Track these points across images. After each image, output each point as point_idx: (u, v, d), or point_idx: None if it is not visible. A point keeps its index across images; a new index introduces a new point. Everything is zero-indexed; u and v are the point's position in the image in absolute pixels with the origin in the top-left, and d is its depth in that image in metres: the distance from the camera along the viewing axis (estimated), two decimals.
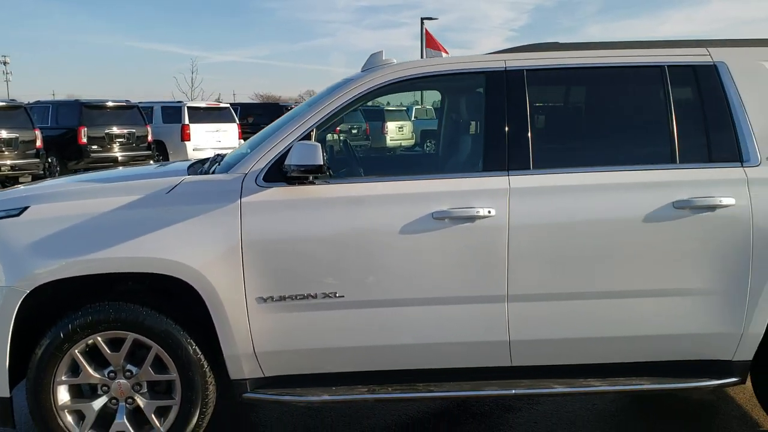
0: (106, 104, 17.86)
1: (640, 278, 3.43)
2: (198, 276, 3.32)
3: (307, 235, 3.37)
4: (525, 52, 3.65)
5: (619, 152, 3.60)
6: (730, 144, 3.50)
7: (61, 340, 3.36)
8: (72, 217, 3.38)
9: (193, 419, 3.47)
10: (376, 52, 3.84)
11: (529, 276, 3.42)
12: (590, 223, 3.41)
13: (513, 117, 3.50)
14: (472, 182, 3.47)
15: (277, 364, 3.50)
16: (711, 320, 3.47)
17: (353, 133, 22.82)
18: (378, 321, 3.45)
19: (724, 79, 3.56)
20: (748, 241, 3.39)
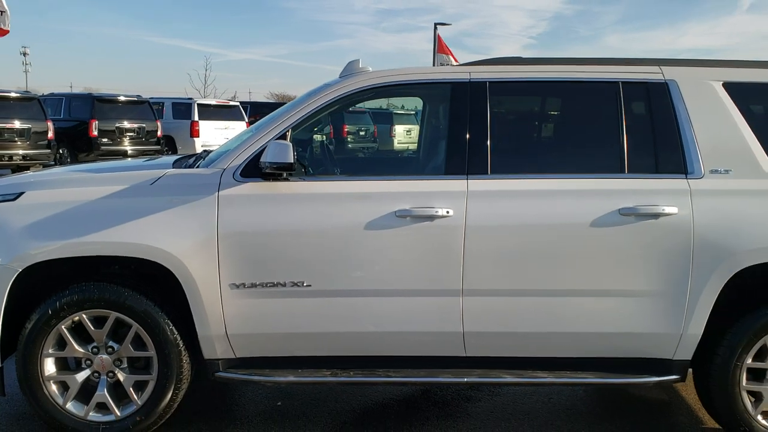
0: (118, 98, 18.25)
1: (586, 279, 3.68)
2: (176, 262, 3.60)
3: (279, 228, 3.65)
4: (489, 65, 3.91)
5: (571, 161, 3.86)
6: (675, 157, 3.74)
7: (49, 316, 3.65)
8: (63, 203, 3.67)
9: (168, 394, 3.75)
10: (353, 60, 4.11)
11: (482, 272, 3.67)
12: (541, 225, 3.66)
13: (474, 125, 3.77)
14: (434, 184, 3.74)
15: (247, 346, 3.78)
16: (652, 321, 3.71)
17: (361, 134, 23.13)
18: (342, 309, 3.72)
19: (674, 96, 3.81)
20: (689, 247, 3.64)
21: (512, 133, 4.07)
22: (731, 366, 3.73)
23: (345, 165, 5.29)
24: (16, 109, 15.67)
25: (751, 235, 3.63)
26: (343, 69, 4.12)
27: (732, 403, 3.77)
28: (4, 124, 15.38)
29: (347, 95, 3.90)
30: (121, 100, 18.32)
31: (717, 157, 3.73)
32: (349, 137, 21.77)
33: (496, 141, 3.78)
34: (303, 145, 4.40)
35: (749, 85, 3.86)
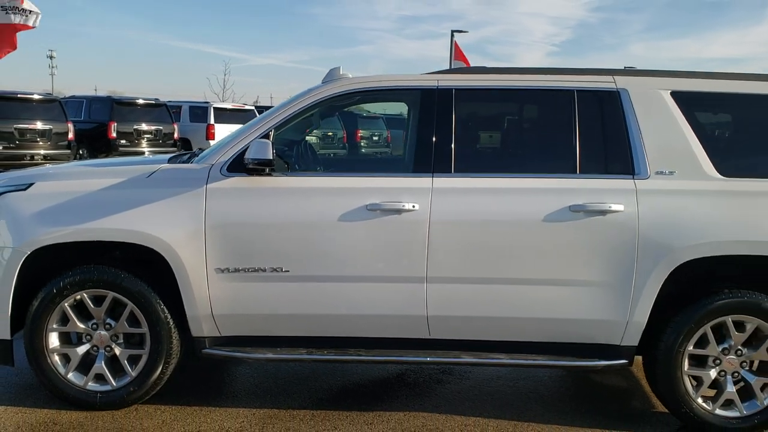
0: (136, 101, 18.81)
1: (539, 269, 4.03)
2: (167, 247, 4.00)
3: (260, 218, 4.03)
4: (455, 74, 4.28)
5: (528, 162, 4.22)
6: (624, 159, 4.09)
7: (54, 294, 4.06)
8: (68, 193, 4.09)
9: (158, 367, 4.14)
10: (335, 67, 4.49)
11: (445, 261, 4.03)
12: (499, 219, 4.02)
13: (440, 128, 4.14)
14: (402, 181, 4.11)
15: (231, 325, 4.17)
16: (601, 309, 4.05)
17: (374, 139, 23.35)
18: (317, 293, 4.09)
19: (625, 103, 4.15)
20: (634, 242, 3.97)
21: (475, 136, 4.43)
22: (674, 352, 4.05)
23: (325, 163, 5.67)
24: (38, 111, 16.25)
25: (690, 232, 3.96)
26: (326, 75, 4.50)
27: (675, 386, 4.09)
28: (26, 125, 15.95)
29: (327, 99, 4.29)
30: (140, 103, 18.87)
31: (662, 159, 4.07)
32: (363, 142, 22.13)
33: (459, 143, 4.14)
34: (290, 144, 4.79)
35: (695, 93, 4.20)
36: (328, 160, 6.39)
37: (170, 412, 4.21)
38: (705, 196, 4.01)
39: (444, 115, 4.15)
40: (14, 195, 4.13)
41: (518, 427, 4.16)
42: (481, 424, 4.17)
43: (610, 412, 4.46)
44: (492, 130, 4.68)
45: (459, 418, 4.25)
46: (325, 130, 21.28)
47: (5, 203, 4.12)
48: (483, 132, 4.59)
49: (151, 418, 4.11)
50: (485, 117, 4.64)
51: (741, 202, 4.01)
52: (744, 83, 4.21)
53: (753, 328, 4.06)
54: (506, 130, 4.56)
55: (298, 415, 4.22)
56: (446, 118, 4.15)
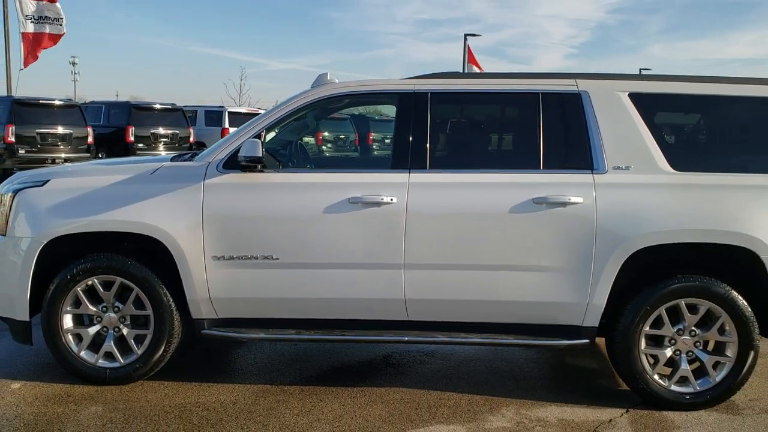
0: (153, 106, 19.40)
1: (506, 256, 4.41)
2: (169, 238, 4.43)
3: (252, 210, 4.45)
4: (431, 78, 4.68)
5: (496, 159, 4.64)
6: (583, 155, 4.46)
7: (68, 279, 4.51)
8: (80, 189, 4.54)
9: (161, 346, 4.57)
10: (323, 73, 4.92)
11: (420, 249, 4.42)
12: (470, 211, 4.41)
13: (416, 128, 4.54)
14: (382, 176, 4.51)
15: (227, 308, 4.58)
16: (563, 292, 4.42)
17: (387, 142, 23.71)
18: (305, 279, 4.50)
19: (585, 104, 4.53)
20: (592, 231, 4.35)
21: (448, 135, 4.83)
22: (631, 332, 4.42)
23: (313, 161, 6.10)
24: (59, 116, 16.87)
25: (644, 222, 4.33)
26: (314, 80, 4.92)
27: (632, 364, 4.46)
28: (48, 130, 16.57)
29: (315, 102, 4.71)
30: (157, 108, 19.46)
31: (619, 155, 4.44)
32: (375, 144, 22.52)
33: (434, 141, 4.55)
34: (284, 144, 5.22)
35: (651, 95, 4.56)
36: (317, 158, 6.81)
37: (172, 386, 4.64)
38: (658, 188, 4.38)
39: (420, 117, 4.55)
40: (32, 190, 4.59)
41: (489, 401, 4.54)
42: (454, 398, 4.57)
43: (578, 389, 4.83)
44: (464, 129, 5.08)
45: (435, 393, 4.64)
46: (337, 132, 21.78)
47: (24, 198, 4.57)
48: (456, 131, 4.98)
49: (155, 392, 4.54)
50: (458, 118, 5.04)
51: (690, 193, 4.36)
52: (695, 85, 4.58)
53: (705, 310, 4.41)
54: (477, 130, 4.96)
55: (288, 390, 4.64)
56: (422, 119, 4.55)
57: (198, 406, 4.34)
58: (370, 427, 4.10)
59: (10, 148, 15.98)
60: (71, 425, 4.04)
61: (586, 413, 4.40)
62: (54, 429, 3.98)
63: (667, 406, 4.48)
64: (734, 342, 4.42)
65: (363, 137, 22.32)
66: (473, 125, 5.03)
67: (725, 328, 4.42)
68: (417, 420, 4.22)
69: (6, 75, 19.70)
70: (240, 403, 4.40)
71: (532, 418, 4.29)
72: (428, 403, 4.47)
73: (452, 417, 4.28)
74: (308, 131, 5.99)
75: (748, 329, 4.38)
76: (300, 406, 4.38)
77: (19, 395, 4.44)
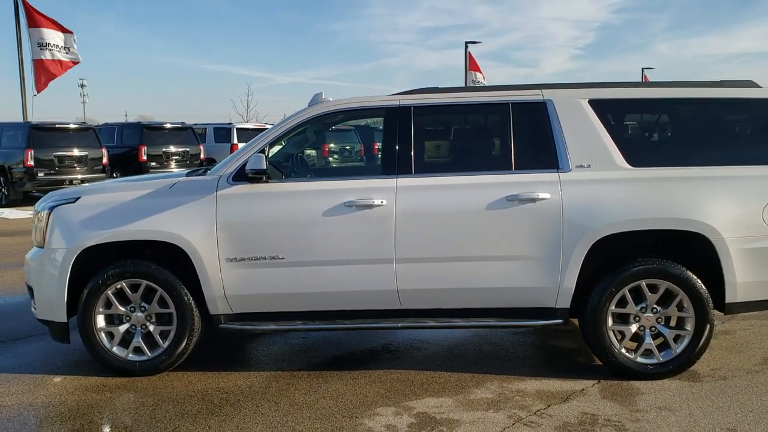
0: (164, 126, 20.15)
1: (485, 248, 4.98)
2: (187, 243, 5.03)
3: (260, 216, 5.05)
4: (414, 94, 5.28)
5: (474, 162, 5.21)
6: (550, 156, 5.04)
7: (100, 284, 5.12)
8: (108, 203, 5.15)
9: (183, 340, 5.16)
10: (318, 92, 5.51)
11: (409, 245, 5.00)
12: (451, 209, 4.98)
13: (402, 138, 5.13)
14: (372, 182, 5.10)
15: (241, 304, 5.17)
16: (537, 278, 4.99)
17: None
18: (308, 275, 5.08)
19: (550, 111, 5.11)
20: (559, 223, 4.92)
21: (431, 143, 5.42)
22: (598, 311, 4.97)
23: (312, 170, 6.71)
24: (75, 139, 17.65)
25: (605, 213, 4.89)
26: (311, 99, 5.52)
27: (601, 339, 5.01)
28: (64, 152, 17.33)
29: (312, 118, 5.31)
30: (167, 127, 20.20)
31: (581, 155, 5.01)
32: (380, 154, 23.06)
33: (418, 149, 5.14)
34: (287, 157, 5.83)
35: (608, 101, 5.14)
36: (315, 168, 7.45)
37: (194, 375, 5.24)
38: (616, 183, 4.95)
39: (405, 128, 5.15)
40: (66, 207, 5.21)
41: (476, 378, 5.11)
42: (445, 376, 5.14)
43: (557, 365, 5.40)
44: (444, 137, 5.68)
45: (428, 373, 5.22)
46: (342, 144, 22.45)
47: (59, 214, 5.19)
48: (437, 139, 5.58)
49: (179, 380, 5.14)
50: (438, 127, 5.64)
51: (646, 186, 4.93)
52: (646, 90, 5.17)
53: (664, 289, 4.97)
54: (456, 137, 5.56)
55: (297, 374, 5.23)
56: (406, 130, 5.14)
57: (218, 390, 4.94)
58: (369, 402, 4.68)
59: (30, 172, 16.73)
60: (108, 409, 4.64)
61: (561, 385, 4.96)
62: (94, 412, 4.58)
63: (634, 376, 5.02)
64: (692, 317, 4.96)
65: (368, 147, 22.97)
66: (452, 133, 5.63)
67: (683, 305, 4.97)
68: (411, 395, 4.79)
69: (22, 102, 20.48)
70: (255, 387, 4.99)
71: (512, 390, 4.86)
72: (421, 382, 5.04)
73: (442, 391, 4.85)
74: (308, 144, 6.60)
75: (704, 305, 4.92)
76: (307, 387, 4.97)
77: (61, 387, 5.05)
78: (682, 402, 4.61)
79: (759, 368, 5.23)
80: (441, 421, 4.34)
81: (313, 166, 6.77)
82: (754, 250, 4.89)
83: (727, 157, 5.03)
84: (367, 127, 23.99)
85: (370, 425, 4.31)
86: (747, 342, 5.89)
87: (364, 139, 23.51)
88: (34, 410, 4.63)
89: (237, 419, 4.43)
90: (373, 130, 23.57)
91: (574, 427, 4.25)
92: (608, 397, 4.71)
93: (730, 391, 4.80)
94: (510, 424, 4.31)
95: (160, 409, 4.61)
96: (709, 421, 4.30)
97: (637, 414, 4.42)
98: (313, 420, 4.39)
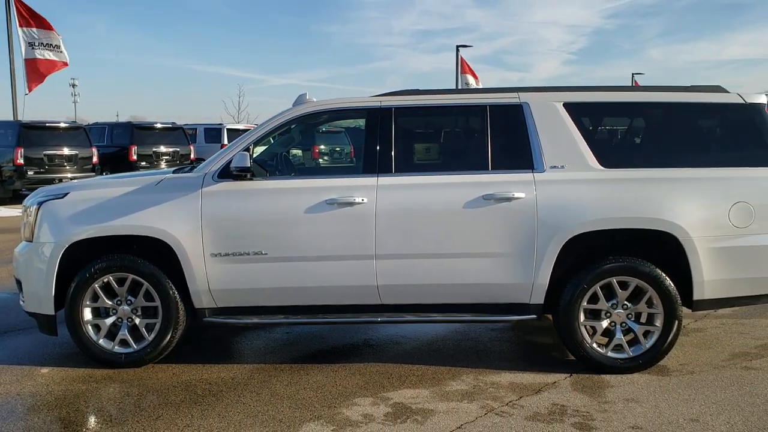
0: (155, 126, 20.26)
1: (462, 245, 5.14)
2: (173, 238, 5.17)
3: (244, 213, 5.20)
4: (394, 95, 5.44)
5: (452, 162, 5.40)
6: (525, 157, 5.21)
7: (87, 277, 5.25)
8: (96, 199, 5.29)
9: (168, 333, 5.30)
10: (303, 93, 5.68)
11: (389, 242, 5.16)
12: (430, 208, 5.15)
13: (383, 138, 5.29)
14: (354, 180, 5.26)
15: (224, 298, 5.32)
16: (511, 274, 5.15)
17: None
18: (290, 271, 5.23)
19: (526, 114, 5.29)
20: (533, 222, 5.09)
21: (410, 143, 5.58)
22: (571, 307, 5.15)
23: (297, 169, 6.87)
24: (65, 138, 17.74)
25: (577, 212, 5.07)
26: (295, 100, 5.68)
27: (573, 334, 5.18)
28: (54, 151, 17.42)
29: (296, 118, 5.48)
30: (158, 127, 20.31)
31: (555, 156, 5.19)
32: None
33: (398, 149, 5.30)
34: (272, 156, 5.98)
35: (581, 104, 5.32)
36: (299, 167, 7.60)
37: (179, 367, 5.38)
38: (589, 183, 5.12)
39: (385, 128, 5.31)
40: (54, 202, 5.34)
41: (452, 371, 5.27)
42: (422, 369, 5.30)
43: (532, 360, 5.57)
44: (423, 138, 5.85)
45: (406, 366, 5.38)
46: (332, 145, 22.58)
47: (47, 209, 5.33)
48: (416, 140, 5.75)
49: (164, 372, 5.28)
50: (418, 128, 5.80)
51: (617, 187, 5.11)
52: (618, 94, 5.36)
53: (634, 286, 5.15)
54: (434, 138, 5.74)
55: (279, 367, 5.39)
56: (387, 130, 5.30)
57: (201, 381, 5.08)
58: (348, 393, 4.83)
59: (20, 170, 16.81)
60: (94, 399, 4.78)
61: (535, 378, 5.13)
62: (80, 402, 4.72)
63: (606, 371, 5.19)
64: (661, 313, 5.14)
65: (358, 149, 23.03)
66: (431, 134, 5.80)
67: (653, 302, 5.15)
68: (388, 386, 4.95)
69: (12, 100, 20.54)
70: (237, 378, 5.14)
71: (487, 383, 5.03)
72: (399, 374, 5.20)
73: (419, 383, 5.02)
74: (294, 144, 6.75)
75: (672, 302, 5.10)
76: (289, 378, 5.12)
77: (49, 377, 5.19)
78: (650, 394, 4.78)
79: (726, 364, 5.41)
80: (416, 411, 4.50)
81: (299, 165, 6.92)
82: (720, 249, 5.08)
83: (696, 160, 5.22)
84: (358, 129, 24.10)
85: (347, 414, 4.46)
86: (717, 339, 6.08)
87: (355, 141, 23.64)
88: (21, 399, 4.77)
89: (219, 408, 4.58)
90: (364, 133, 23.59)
91: (544, 417, 4.41)
92: (579, 390, 4.88)
93: (696, 384, 4.97)
94: (482, 413, 4.47)
95: (144, 399, 4.75)
96: (673, 412, 4.48)
97: (605, 405, 4.59)
98: (293, 409, 4.55)
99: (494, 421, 4.37)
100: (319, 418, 4.40)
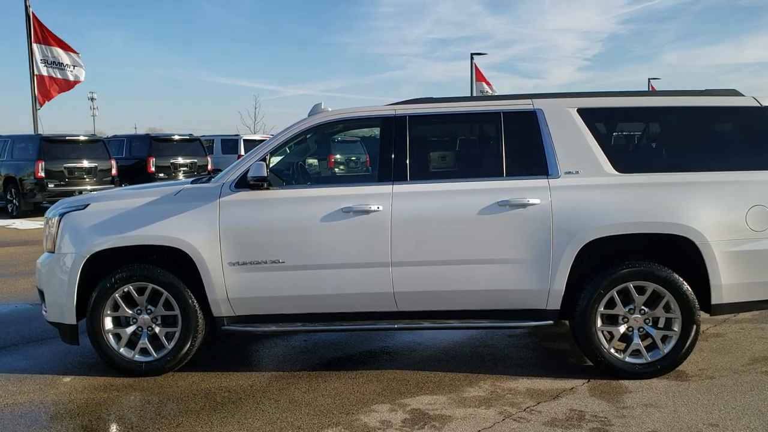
0: (172, 138, 20.44)
1: (478, 251, 5.16)
2: (191, 248, 5.23)
3: (261, 222, 5.25)
4: (409, 104, 5.49)
5: (467, 169, 5.43)
6: (540, 163, 5.23)
7: (108, 287, 5.33)
8: (116, 210, 5.37)
9: (188, 341, 5.36)
10: (317, 103, 5.73)
11: (405, 249, 5.19)
12: (445, 215, 5.18)
13: (397, 146, 5.33)
14: (369, 188, 5.30)
15: (243, 307, 5.37)
16: (528, 280, 5.16)
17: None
18: (308, 279, 5.27)
19: (540, 120, 5.31)
20: (549, 227, 5.10)
21: (425, 151, 5.62)
22: (588, 312, 5.15)
23: (312, 177, 6.93)
24: (85, 151, 17.96)
25: (593, 217, 5.08)
26: (310, 110, 5.73)
27: (590, 339, 5.18)
28: (74, 164, 17.64)
29: (312, 128, 5.54)
30: (175, 139, 20.49)
31: (570, 162, 5.20)
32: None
33: (413, 157, 5.33)
34: (288, 165, 6.04)
35: (595, 109, 5.34)
36: (315, 176, 7.67)
37: (198, 375, 5.44)
38: (604, 189, 5.13)
39: (400, 136, 5.35)
40: (75, 213, 5.43)
41: (470, 377, 5.29)
42: (440, 376, 5.32)
43: (549, 366, 5.57)
44: (438, 146, 5.89)
45: (424, 373, 5.40)
46: (348, 154, 22.68)
47: (69, 220, 5.42)
48: (431, 148, 5.78)
49: (183, 380, 5.34)
50: (432, 136, 5.84)
51: (632, 192, 5.11)
52: (632, 99, 5.36)
53: (651, 291, 5.14)
54: (449, 146, 5.77)
55: (298, 374, 5.43)
56: (402, 139, 5.34)
57: (221, 389, 5.13)
58: (365, 399, 4.86)
59: (40, 183, 17.03)
60: (115, 407, 4.84)
61: (552, 384, 5.13)
62: (101, 410, 4.78)
63: (623, 376, 5.18)
64: (678, 318, 5.13)
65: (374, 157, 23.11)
66: (446, 141, 5.84)
67: (670, 306, 5.14)
68: (406, 393, 4.97)
69: (33, 114, 20.82)
70: (256, 386, 5.18)
71: (504, 389, 5.03)
72: (417, 381, 5.22)
73: (436, 390, 5.03)
74: (310, 153, 6.82)
75: (690, 306, 5.09)
76: (307, 386, 5.16)
77: (71, 386, 5.26)
78: (668, 399, 4.77)
79: (746, 368, 5.38)
80: (434, 417, 4.52)
81: (315, 174, 6.99)
82: (738, 253, 5.06)
83: (711, 164, 5.21)
84: (374, 138, 24.22)
85: (365, 420, 4.49)
86: (736, 344, 6.04)
87: (370, 150, 23.73)
88: (44, 408, 4.84)
89: (238, 415, 4.62)
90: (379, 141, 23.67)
91: (562, 423, 4.41)
92: (597, 395, 4.87)
93: (715, 389, 4.95)
94: (500, 419, 4.48)
95: (164, 407, 4.81)
96: (692, 417, 4.46)
97: (623, 410, 4.59)
98: (311, 416, 4.58)
99: (512, 426, 4.38)
100: (337, 425, 4.43)
